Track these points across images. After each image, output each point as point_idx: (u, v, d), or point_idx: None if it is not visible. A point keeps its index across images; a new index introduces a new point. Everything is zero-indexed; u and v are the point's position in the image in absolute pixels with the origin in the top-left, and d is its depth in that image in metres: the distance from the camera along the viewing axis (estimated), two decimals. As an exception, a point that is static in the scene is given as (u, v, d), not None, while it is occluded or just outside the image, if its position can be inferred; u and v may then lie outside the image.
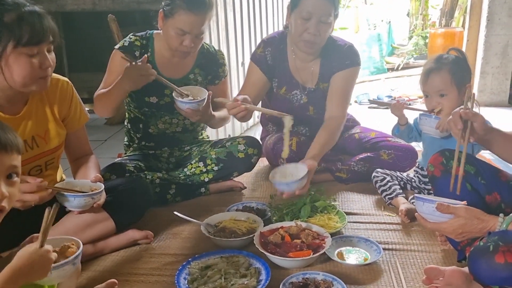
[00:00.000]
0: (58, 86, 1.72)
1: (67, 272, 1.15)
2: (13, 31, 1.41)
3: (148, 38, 2.19)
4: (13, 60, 1.44)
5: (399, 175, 2.19)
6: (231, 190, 2.36)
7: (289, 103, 2.39)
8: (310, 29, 2.10)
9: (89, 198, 1.56)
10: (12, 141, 1.11)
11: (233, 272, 1.54)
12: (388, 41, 8.24)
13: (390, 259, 1.67)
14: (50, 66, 1.50)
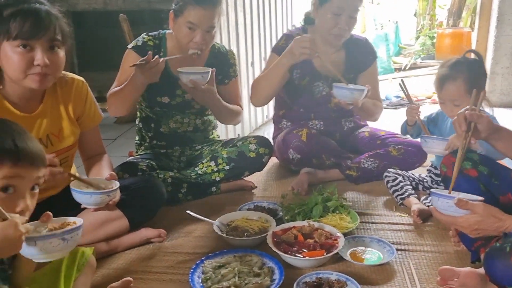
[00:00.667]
0: (73, 85, 1.73)
1: (55, 247, 1.07)
2: (6, 24, 1.42)
3: (160, 38, 2.21)
4: (5, 53, 1.45)
5: (411, 175, 2.19)
6: (241, 189, 2.36)
7: (311, 94, 2.43)
8: (341, 24, 2.24)
9: (105, 195, 1.57)
10: (39, 154, 1.11)
11: (246, 271, 1.55)
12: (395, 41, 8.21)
13: (403, 260, 1.67)
14: (42, 63, 1.46)
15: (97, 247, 1.66)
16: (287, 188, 2.34)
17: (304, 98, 2.45)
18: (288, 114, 2.56)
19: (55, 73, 1.54)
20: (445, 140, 1.87)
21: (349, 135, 2.59)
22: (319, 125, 2.51)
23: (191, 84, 2.00)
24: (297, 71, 2.41)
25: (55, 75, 1.55)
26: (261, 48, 3.81)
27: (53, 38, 1.48)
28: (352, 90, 2.12)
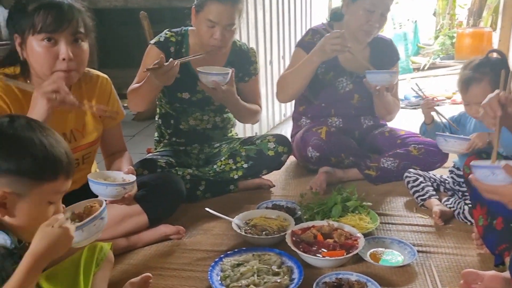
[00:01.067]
0: (98, 82, 1.74)
1: (97, 227, 1.14)
2: (31, 19, 1.44)
3: (183, 34, 2.21)
4: (31, 47, 1.47)
5: (432, 176, 2.16)
6: (259, 187, 2.35)
7: (334, 89, 2.43)
8: (372, 21, 2.25)
9: (121, 187, 1.57)
10: (73, 167, 1.12)
11: (265, 270, 1.54)
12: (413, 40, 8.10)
13: (424, 262, 1.64)
14: (66, 57, 1.47)
15: (116, 242, 1.68)
16: (305, 187, 2.32)
17: (327, 93, 2.45)
18: (308, 110, 2.55)
19: (79, 67, 1.54)
20: (466, 140, 1.84)
21: (368, 133, 2.57)
22: (338, 122, 2.49)
23: (212, 85, 2.00)
24: (322, 65, 2.40)
25: (79, 70, 1.55)
26: (280, 46, 3.80)
27: (77, 31, 1.49)
28: (389, 72, 2.19)
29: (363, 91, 2.39)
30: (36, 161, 1.02)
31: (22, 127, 1.04)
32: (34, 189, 1.03)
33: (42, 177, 1.04)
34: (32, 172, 1.01)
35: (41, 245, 0.97)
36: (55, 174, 1.06)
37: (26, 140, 1.02)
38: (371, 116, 2.58)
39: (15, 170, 1.00)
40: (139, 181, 1.76)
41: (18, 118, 1.06)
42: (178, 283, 1.56)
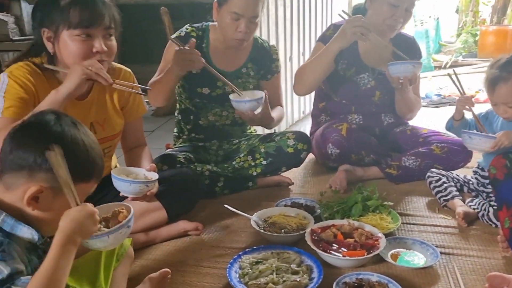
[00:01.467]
0: (120, 75, 1.75)
1: (123, 234, 1.16)
2: (65, 14, 1.46)
3: (204, 29, 2.20)
4: (64, 42, 1.49)
5: (456, 176, 2.11)
6: (278, 185, 2.34)
7: (355, 86, 2.40)
8: (397, 16, 2.21)
9: (144, 185, 1.58)
10: (103, 171, 1.13)
11: (284, 268, 1.52)
12: (435, 38, 7.98)
13: (447, 264, 1.60)
14: (100, 50, 1.50)
15: (135, 237, 1.68)
16: (325, 186, 2.30)
17: (348, 89, 2.41)
18: (328, 107, 2.52)
19: (110, 59, 1.57)
20: (492, 138, 1.79)
21: (389, 131, 2.53)
22: (358, 119, 2.46)
23: (249, 113, 2.00)
24: (343, 61, 2.37)
25: (109, 61, 1.58)
26: (300, 43, 3.76)
27: (109, 26, 1.52)
28: (412, 63, 2.15)
29: (385, 88, 2.34)
30: (78, 162, 1.03)
31: (68, 126, 1.05)
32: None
33: (80, 177, 1.05)
34: (72, 171, 1.02)
35: (68, 222, 1.00)
36: (90, 176, 1.08)
37: (72, 140, 1.03)
38: (392, 113, 2.53)
39: None
40: (159, 177, 1.76)
41: (64, 116, 1.08)
42: (196, 279, 1.56)
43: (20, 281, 0.92)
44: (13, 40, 3.61)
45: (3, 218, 1.00)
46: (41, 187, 1.01)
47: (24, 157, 1.00)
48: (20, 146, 1.01)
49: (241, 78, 2.25)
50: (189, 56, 1.90)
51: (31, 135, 1.03)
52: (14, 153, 1.01)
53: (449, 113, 2.17)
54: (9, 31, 3.62)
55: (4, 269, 0.92)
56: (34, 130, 1.04)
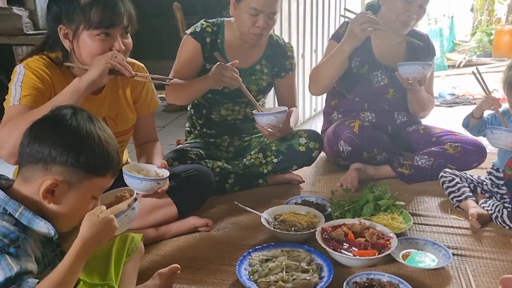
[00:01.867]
0: (133, 69, 1.75)
1: (129, 217, 1.17)
2: (86, 13, 1.46)
3: (219, 25, 2.20)
4: (84, 41, 1.49)
5: (469, 177, 2.08)
6: (289, 182, 2.32)
7: (369, 83, 2.39)
8: (411, 12, 2.19)
9: (155, 183, 1.58)
10: (119, 166, 1.14)
11: (294, 266, 1.51)
12: (449, 37, 7.89)
13: (459, 265, 1.58)
14: (119, 50, 1.52)
15: (146, 232, 1.68)
16: (336, 184, 2.28)
17: (361, 87, 2.39)
18: (340, 105, 2.50)
19: (126, 56, 1.58)
20: None
21: (401, 130, 2.50)
22: (371, 117, 2.43)
23: (269, 127, 2.02)
24: (356, 59, 2.35)
25: (125, 59, 1.58)
26: (313, 40, 3.74)
27: (127, 25, 1.53)
28: (421, 64, 2.13)
29: (399, 86, 2.32)
30: (93, 156, 1.05)
31: (84, 120, 1.06)
32: (84, 182, 1.06)
33: (95, 171, 1.06)
34: (87, 166, 1.04)
35: (90, 232, 1.02)
36: (106, 170, 1.09)
37: (87, 134, 1.04)
38: (405, 111, 2.51)
39: (73, 161, 1.02)
40: (170, 173, 1.76)
41: (81, 111, 1.09)
42: (206, 275, 1.55)
43: (27, 283, 0.92)
44: (27, 34, 3.63)
45: (21, 211, 1.01)
46: (56, 181, 1.02)
47: (40, 150, 1.02)
48: (37, 140, 1.03)
49: (255, 75, 2.24)
50: (229, 73, 1.92)
51: (47, 129, 1.04)
52: (31, 146, 1.03)
53: (463, 112, 2.15)
54: (24, 25, 3.64)
55: (15, 267, 0.92)
56: (50, 124, 1.05)
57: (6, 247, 0.94)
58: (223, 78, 1.93)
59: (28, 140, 1.04)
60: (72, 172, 1.03)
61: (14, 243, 0.95)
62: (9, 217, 1.00)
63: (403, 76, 2.17)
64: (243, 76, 2.05)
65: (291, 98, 2.36)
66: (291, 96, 2.35)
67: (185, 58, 2.15)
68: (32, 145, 1.03)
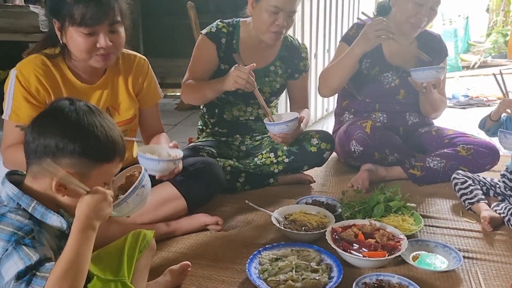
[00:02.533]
0: (135, 61, 1.79)
1: (142, 195, 1.18)
2: (70, 9, 1.48)
3: (234, 25, 2.21)
4: (71, 36, 1.52)
5: (482, 179, 2.06)
6: (299, 182, 2.33)
7: (379, 84, 2.38)
8: (421, 14, 2.19)
9: (172, 163, 1.58)
10: (125, 150, 1.15)
11: (304, 266, 1.52)
12: (464, 37, 7.81)
13: (470, 268, 1.58)
14: (105, 46, 1.52)
15: (157, 228, 1.71)
16: (346, 185, 2.28)
17: (372, 88, 2.39)
18: (351, 105, 2.50)
19: (117, 50, 1.60)
20: None
21: (413, 131, 2.49)
22: (382, 118, 2.43)
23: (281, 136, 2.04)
24: (367, 60, 2.34)
25: (116, 53, 1.62)
26: (326, 39, 3.73)
27: (114, 21, 1.53)
28: (435, 68, 2.13)
29: (410, 87, 2.31)
30: (99, 143, 1.05)
31: (84, 111, 1.06)
32: (94, 170, 1.07)
33: (103, 158, 1.07)
34: (95, 154, 1.05)
35: (83, 208, 1.02)
36: (113, 156, 1.09)
37: (90, 123, 1.05)
38: (417, 112, 2.50)
39: (80, 151, 1.03)
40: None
41: (78, 101, 1.09)
42: (216, 273, 1.57)
43: (45, 267, 0.94)
44: (42, 32, 3.69)
45: (34, 206, 1.03)
46: (67, 173, 1.03)
47: (45, 145, 1.02)
48: (41, 135, 1.03)
49: (269, 77, 2.25)
50: (246, 76, 1.93)
51: (49, 123, 1.04)
52: (36, 142, 1.03)
53: (476, 114, 2.13)
54: (40, 23, 3.70)
55: (33, 256, 0.94)
56: (51, 117, 1.06)
57: (21, 239, 0.96)
58: (239, 80, 1.93)
59: (32, 137, 1.04)
60: (80, 162, 1.04)
61: (28, 234, 0.97)
62: (23, 212, 1.02)
63: (417, 81, 2.16)
64: (257, 77, 2.05)
65: (304, 99, 2.36)
66: (303, 97, 2.36)
67: (200, 58, 2.16)
68: (37, 141, 1.03)
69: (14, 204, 1.02)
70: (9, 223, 0.98)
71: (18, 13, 3.71)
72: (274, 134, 2.06)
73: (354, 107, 2.50)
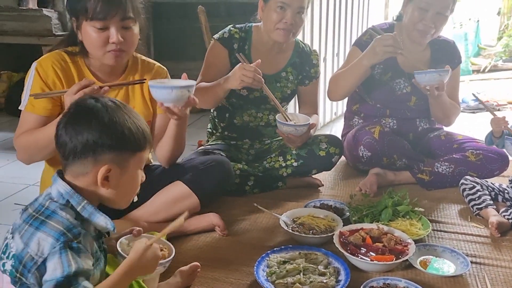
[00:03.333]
0: (154, 69, 1.82)
1: (157, 272, 1.24)
2: (84, 6, 1.52)
3: (247, 31, 2.23)
4: (85, 31, 1.56)
5: (490, 185, 2.06)
6: (308, 186, 2.34)
7: (391, 91, 2.39)
8: (427, 20, 2.18)
9: (186, 90, 1.55)
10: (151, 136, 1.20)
11: (311, 269, 1.53)
12: (474, 41, 7.76)
13: (477, 274, 1.58)
14: (116, 41, 1.55)
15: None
16: (355, 188, 2.29)
17: (383, 94, 2.40)
18: (361, 109, 2.51)
19: (129, 49, 1.62)
20: None
21: (423, 136, 2.49)
22: (392, 123, 2.44)
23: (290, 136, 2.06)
24: (379, 66, 2.35)
25: (129, 51, 1.64)
26: (335, 43, 3.74)
27: (126, 16, 1.56)
28: (437, 72, 2.13)
29: (421, 94, 2.31)
30: (132, 135, 1.10)
31: (111, 107, 1.10)
32: (131, 160, 1.12)
33: (137, 148, 1.12)
34: (130, 145, 1.10)
35: (136, 256, 1.07)
36: (145, 144, 1.14)
37: (120, 117, 1.09)
38: (427, 118, 2.50)
39: (118, 145, 1.08)
40: (189, 165, 1.84)
41: (102, 98, 1.13)
42: (224, 275, 1.59)
43: (80, 286, 0.96)
44: (55, 35, 3.74)
45: (83, 205, 1.06)
46: (109, 166, 1.07)
47: (83, 143, 1.05)
48: (78, 134, 1.06)
49: (280, 82, 2.27)
50: (251, 74, 1.91)
51: (82, 121, 1.07)
52: (73, 142, 1.06)
53: (486, 119, 2.13)
54: (53, 26, 3.76)
55: (74, 264, 0.97)
56: (83, 115, 1.08)
57: (69, 241, 0.99)
58: (244, 78, 1.91)
59: (68, 138, 1.06)
60: (120, 154, 1.08)
61: (76, 238, 1.00)
62: (71, 210, 1.05)
63: (420, 84, 2.17)
64: (268, 83, 2.07)
65: (313, 104, 2.38)
66: (313, 103, 2.38)
67: (212, 63, 2.19)
68: (74, 141, 1.05)
69: (63, 201, 1.06)
70: (59, 221, 1.01)
71: (32, 17, 3.77)
72: (282, 132, 2.08)
73: (364, 112, 2.51)
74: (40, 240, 0.99)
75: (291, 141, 2.09)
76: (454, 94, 2.44)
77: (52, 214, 1.03)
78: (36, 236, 1.00)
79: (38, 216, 1.03)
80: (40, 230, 1.00)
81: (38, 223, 1.02)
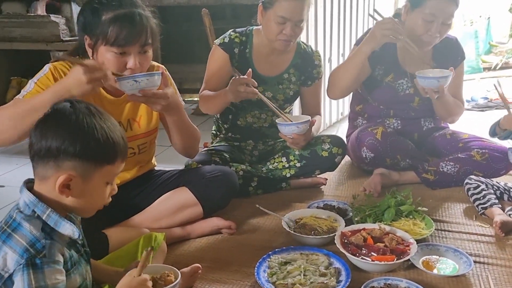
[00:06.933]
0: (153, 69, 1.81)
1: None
2: (104, 29, 1.50)
3: (247, 34, 2.24)
4: (102, 54, 1.54)
5: (495, 184, 2.04)
6: (312, 186, 2.34)
7: (394, 92, 2.37)
8: (432, 31, 2.14)
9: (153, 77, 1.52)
10: (127, 150, 1.16)
11: (312, 270, 1.54)
12: (485, 38, 7.66)
13: (481, 273, 1.56)
14: (134, 67, 1.53)
15: (172, 231, 1.77)
16: (359, 189, 2.28)
17: (386, 95, 2.38)
18: (365, 110, 2.49)
19: (142, 71, 1.60)
20: None
21: (428, 136, 2.47)
22: (396, 124, 2.42)
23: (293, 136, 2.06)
24: (380, 67, 2.34)
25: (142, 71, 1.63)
26: (340, 44, 3.73)
27: (145, 43, 1.55)
28: (437, 78, 2.09)
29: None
30: (99, 145, 1.06)
31: (83, 113, 1.07)
32: (96, 172, 1.08)
33: (104, 160, 1.09)
34: (95, 156, 1.07)
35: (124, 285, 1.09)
36: (114, 157, 1.11)
37: (90, 125, 1.06)
38: (432, 118, 2.48)
39: (81, 154, 1.04)
40: (197, 173, 1.85)
41: (78, 103, 1.10)
42: (226, 276, 1.59)
43: None
44: (63, 41, 3.80)
45: (48, 213, 1.05)
46: (70, 175, 1.05)
47: (47, 147, 1.04)
48: (43, 137, 1.05)
49: (282, 84, 2.28)
50: (243, 88, 1.95)
51: (50, 125, 1.06)
52: (38, 144, 1.05)
53: (495, 117, 2.11)
54: (60, 31, 3.81)
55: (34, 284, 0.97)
56: (52, 120, 1.07)
57: (33, 258, 0.99)
58: (239, 94, 1.97)
59: (35, 139, 1.06)
60: (82, 164, 1.05)
61: (40, 253, 1.00)
62: (37, 220, 1.04)
63: (420, 85, 2.15)
64: (270, 85, 2.08)
65: (316, 106, 2.38)
66: (316, 104, 2.37)
67: (214, 69, 2.21)
68: (39, 143, 1.05)
69: (29, 211, 1.05)
70: (23, 235, 1.02)
71: (40, 23, 3.82)
72: (284, 135, 2.08)
73: (368, 112, 2.49)
74: (7, 255, 1.00)
75: (295, 143, 2.09)
76: (458, 92, 2.41)
77: (18, 226, 1.03)
78: (2, 250, 1.00)
79: (6, 228, 1.04)
80: (6, 245, 1.01)
81: (5, 236, 1.02)
